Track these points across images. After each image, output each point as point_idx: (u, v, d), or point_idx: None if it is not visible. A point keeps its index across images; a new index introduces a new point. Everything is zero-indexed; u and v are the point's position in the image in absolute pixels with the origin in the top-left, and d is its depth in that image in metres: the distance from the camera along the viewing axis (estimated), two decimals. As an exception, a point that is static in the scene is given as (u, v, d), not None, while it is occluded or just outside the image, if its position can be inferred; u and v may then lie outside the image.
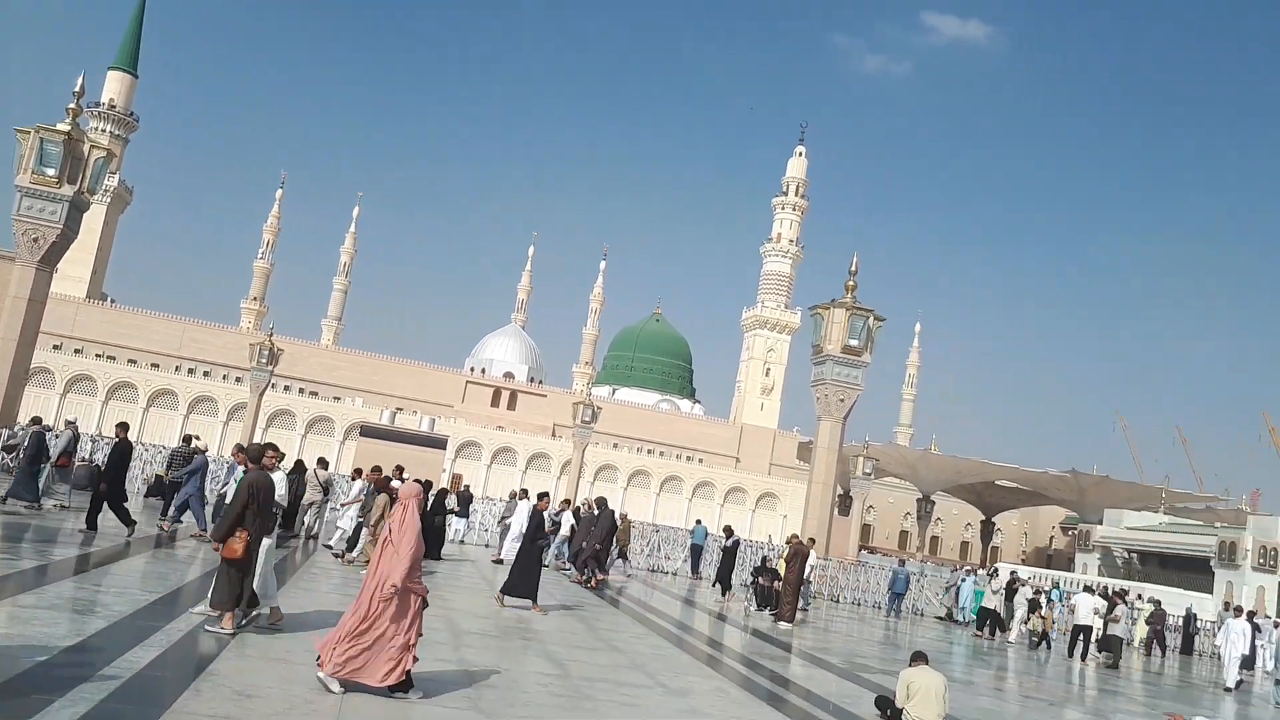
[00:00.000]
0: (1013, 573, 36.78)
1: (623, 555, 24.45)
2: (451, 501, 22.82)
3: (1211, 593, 50.92)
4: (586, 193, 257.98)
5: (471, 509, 26.07)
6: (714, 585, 22.82)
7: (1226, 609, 33.24)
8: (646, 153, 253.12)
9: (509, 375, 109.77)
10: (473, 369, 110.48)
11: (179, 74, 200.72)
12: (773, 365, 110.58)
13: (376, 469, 17.54)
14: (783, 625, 18.01)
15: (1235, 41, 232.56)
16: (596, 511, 19.62)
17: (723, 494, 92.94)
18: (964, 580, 27.31)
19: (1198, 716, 7.21)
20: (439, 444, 41.59)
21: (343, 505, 18.96)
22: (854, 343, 25.49)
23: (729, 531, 23.84)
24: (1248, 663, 22.08)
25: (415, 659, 7.38)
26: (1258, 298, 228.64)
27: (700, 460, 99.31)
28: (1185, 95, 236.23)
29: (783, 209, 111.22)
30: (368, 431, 40.17)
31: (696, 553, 27.14)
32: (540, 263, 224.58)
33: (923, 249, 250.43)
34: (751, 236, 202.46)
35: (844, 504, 67.12)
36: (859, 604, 27.19)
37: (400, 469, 18.41)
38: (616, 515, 20.52)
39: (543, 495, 16.43)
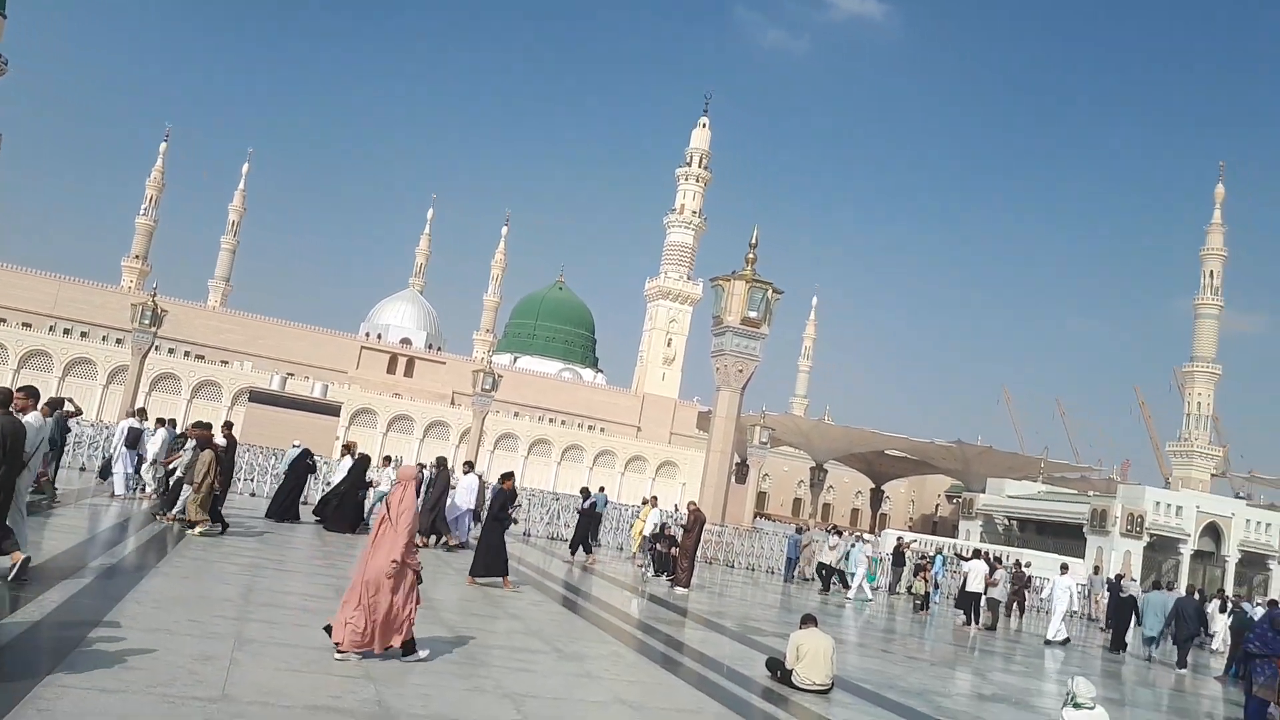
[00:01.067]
0: (899, 538, 38.10)
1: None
2: (391, 475, 22.44)
3: (1084, 557, 53.79)
4: (488, 156, 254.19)
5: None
6: (572, 550, 22.07)
7: (1097, 573, 35.19)
8: (551, 118, 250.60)
9: (406, 341, 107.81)
10: (368, 334, 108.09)
11: (56, 14, 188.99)
12: (675, 336, 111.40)
13: (199, 424, 16.79)
14: (679, 590, 18.24)
15: (1116, 28, 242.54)
16: (434, 473, 19.17)
17: (624, 462, 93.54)
18: (853, 546, 28.09)
19: (1078, 678, 7.58)
20: (331, 411, 40.65)
21: (153, 460, 18.50)
22: (753, 314, 25.81)
23: (585, 493, 23.37)
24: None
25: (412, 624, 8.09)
26: (1133, 278, 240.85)
27: (602, 429, 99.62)
28: (1070, 76, 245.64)
29: (686, 180, 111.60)
30: (257, 397, 38.97)
31: (597, 521, 27.21)
32: (440, 226, 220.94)
33: (821, 223, 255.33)
34: (655, 206, 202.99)
35: (741, 472, 68.35)
36: (753, 569, 27.78)
37: (229, 425, 18.48)
38: (477, 479, 19.87)
39: (507, 475, 16.20)
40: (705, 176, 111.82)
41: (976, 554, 26.38)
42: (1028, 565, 33.81)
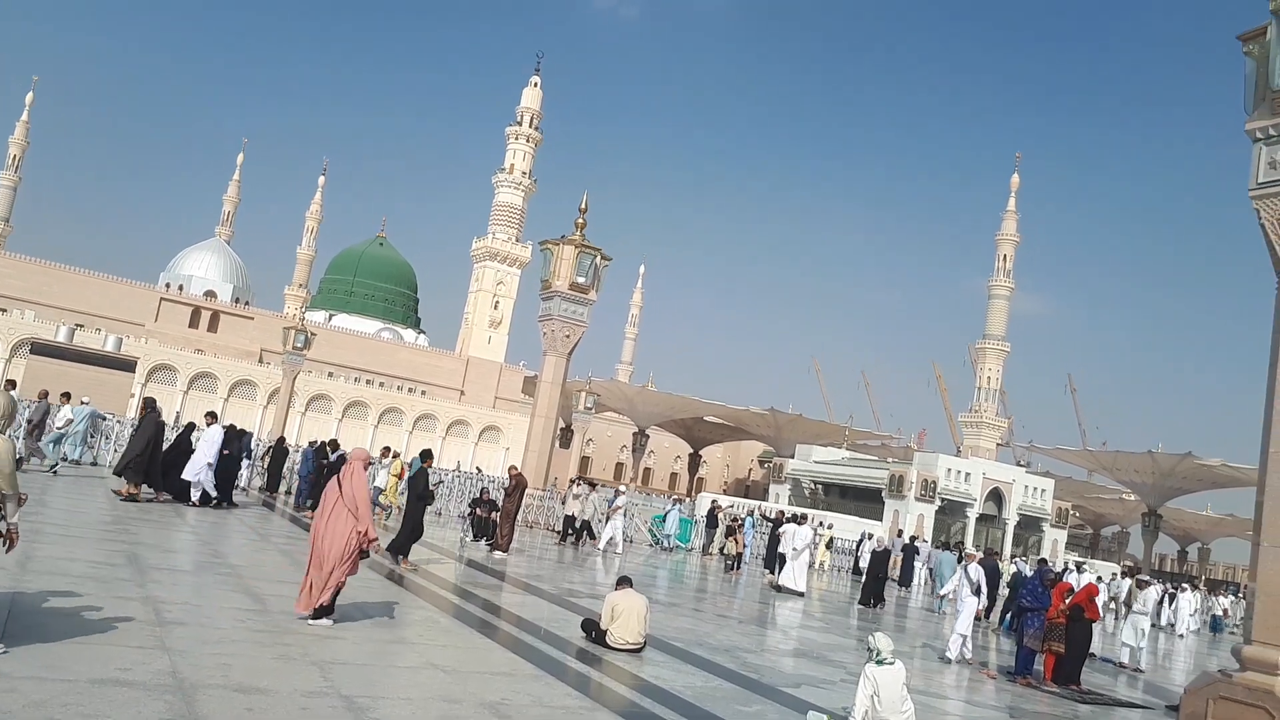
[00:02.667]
0: (714, 501, 39.41)
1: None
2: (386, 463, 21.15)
3: (882, 519, 57.35)
4: (305, 102, 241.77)
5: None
6: (305, 502, 20.73)
7: (900, 535, 37.58)
8: (375, 66, 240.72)
9: (210, 294, 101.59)
10: (168, 285, 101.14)
11: None
12: (502, 298, 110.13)
13: None
14: (498, 554, 18.19)
15: (934, 13, 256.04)
16: (143, 416, 18.06)
17: (445, 426, 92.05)
18: (670, 509, 28.84)
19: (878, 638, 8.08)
20: (126, 366, 37.88)
21: None
22: (581, 280, 25.81)
23: (331, 446, 21.88)
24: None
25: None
26: (935, 258, 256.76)
27: (423, 392, 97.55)
28: (884, 62, 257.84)
29: (516, 139, 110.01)
30: (40, 349, 35.81)
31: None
32: (251, 173, 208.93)
33: (650, 191, 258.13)
34: (484, 165, 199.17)
35: (565, 437, 68.75)
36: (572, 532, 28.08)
37: (12, 383, 17.47)
38: (221, 430, 18.49)
39: (427, 454, 16.29)
40: (536, 137, 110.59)
41: (794, 518, 27.64)
42: (830, 527, 35.77)
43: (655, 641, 10.56)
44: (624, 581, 10.50)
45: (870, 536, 27.14)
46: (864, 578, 22.24)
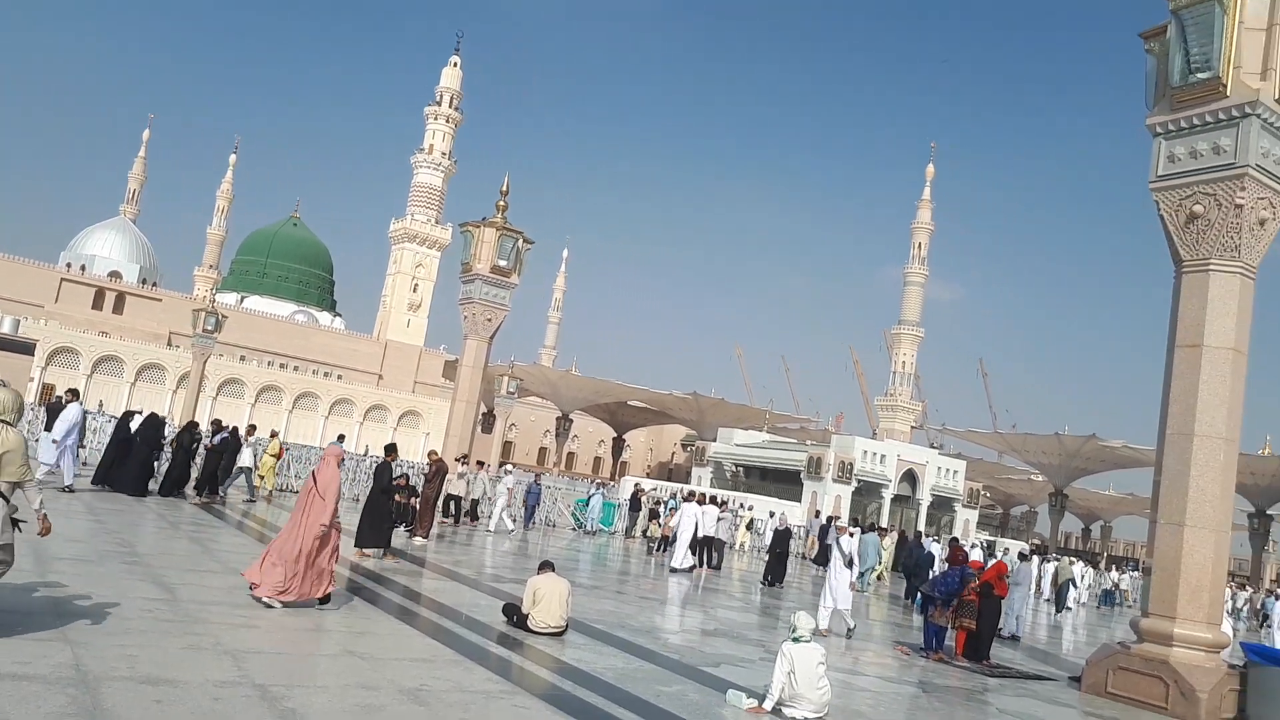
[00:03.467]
0: (636, 484, 39.59)
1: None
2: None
3: (800, 501, 58.32)
4: (217, 78, 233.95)
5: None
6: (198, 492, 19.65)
7: (818, 515, 38.26)
8: (289, 42, 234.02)
9: (115, 275, 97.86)
10: (69, 265, 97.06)
11: None
12: (421, 281, 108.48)
13: None
14: (418, 540, 17.99)
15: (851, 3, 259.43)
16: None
17: (363, 411, 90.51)
18: (593, 493, 28.86)
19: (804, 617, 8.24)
20: (24, 349, 36.29)
21: None
22: (503, 263, 25.54)
23: (216, 427, 20.85)
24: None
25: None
26: (850, 244, 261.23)
27: (340, 376, 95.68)
28: (799, 47, 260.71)
29: (436, 119, 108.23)
30: (-70, 332, 34.01)
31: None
32: (158, 150, 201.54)
33: (573, 175, 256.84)
34: (403, 145, 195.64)
35: (487, 422, 68.25)
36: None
37: None
38: (80, 410, 17.85)
39: (391, 448, 16.21)
40: (456, 117, 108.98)
41: (712, 500, 27.89)
42: (750, 509, 36.26)
43: (577, 624, 10.57)
44: (546, 566, 10.48)
45: (772, 515, 27.49)
46: (767, 556, 22.57)
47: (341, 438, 24.98)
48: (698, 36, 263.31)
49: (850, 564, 14.36)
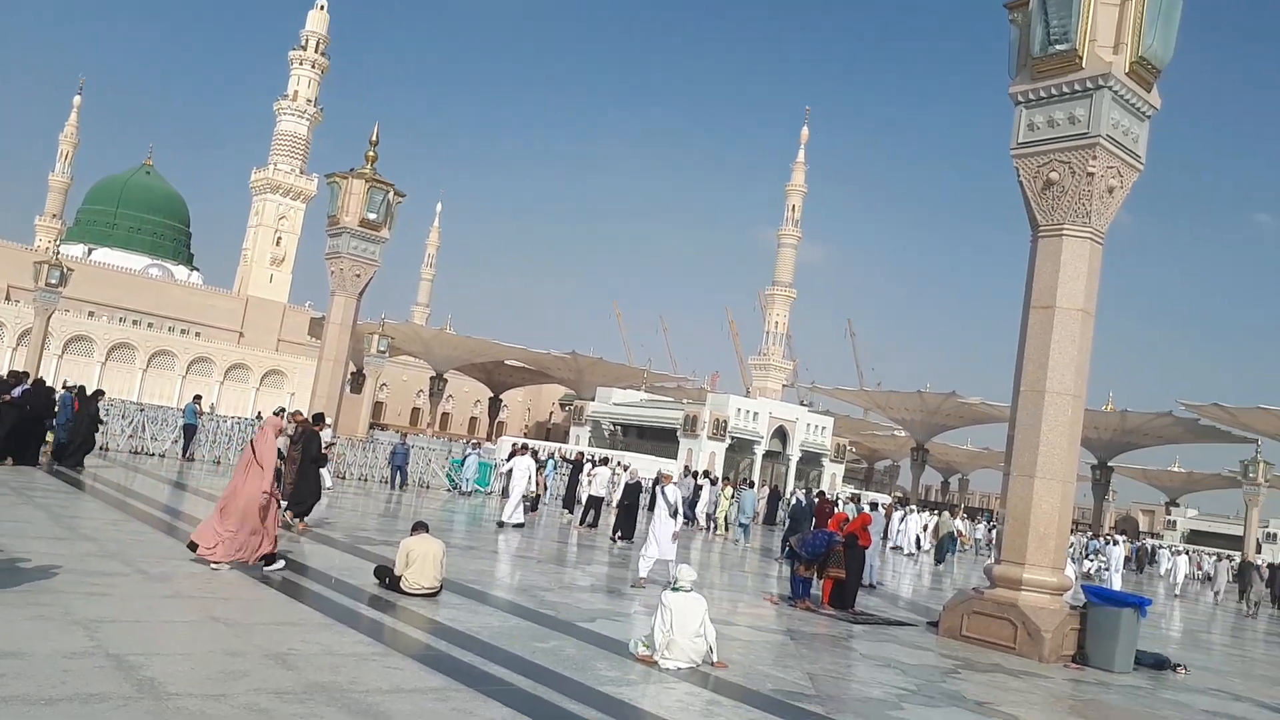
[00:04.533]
0: (514, 444, 39.43)
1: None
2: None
3: (676, 457, 59.27)
4: (58, 11, 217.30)
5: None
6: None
7: (687, 472, 38.90)
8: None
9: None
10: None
11: None
12: (285, 234, 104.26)
13: None
14: (283, 504, 17.39)
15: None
16: None
17: (223, 371, 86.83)
18: (469, 454, 28.55)
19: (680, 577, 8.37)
20: None
21: None
22: (372, 216, 24.75)
23: (14, 378, 19.13)
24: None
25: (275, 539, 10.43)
26: (727, 205, 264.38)
27: (198, 334, 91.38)
28: (687, 13, 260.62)
29: (300, 64, 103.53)
30: None
31: (190, 433, 25.10)
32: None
33: (448, 128, 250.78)
34: (266, 91, 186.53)
35: (356, 382, 66.41)
36: (366, 480, 27.30)
37: None
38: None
39: (319, 417, 15.87)
40: (323, 63, 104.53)
41: (604, 462, 28.01)
42: (627, 468, 36.56)
43: (452, 585, 10.45)
44: (419, 526, 10.30)
45: (626, 469, 27.56)
46: (616, 510, 21.94)
47: (198, 398, 24.03)
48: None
49: (675, 513, 14.08)
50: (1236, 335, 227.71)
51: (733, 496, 26.76)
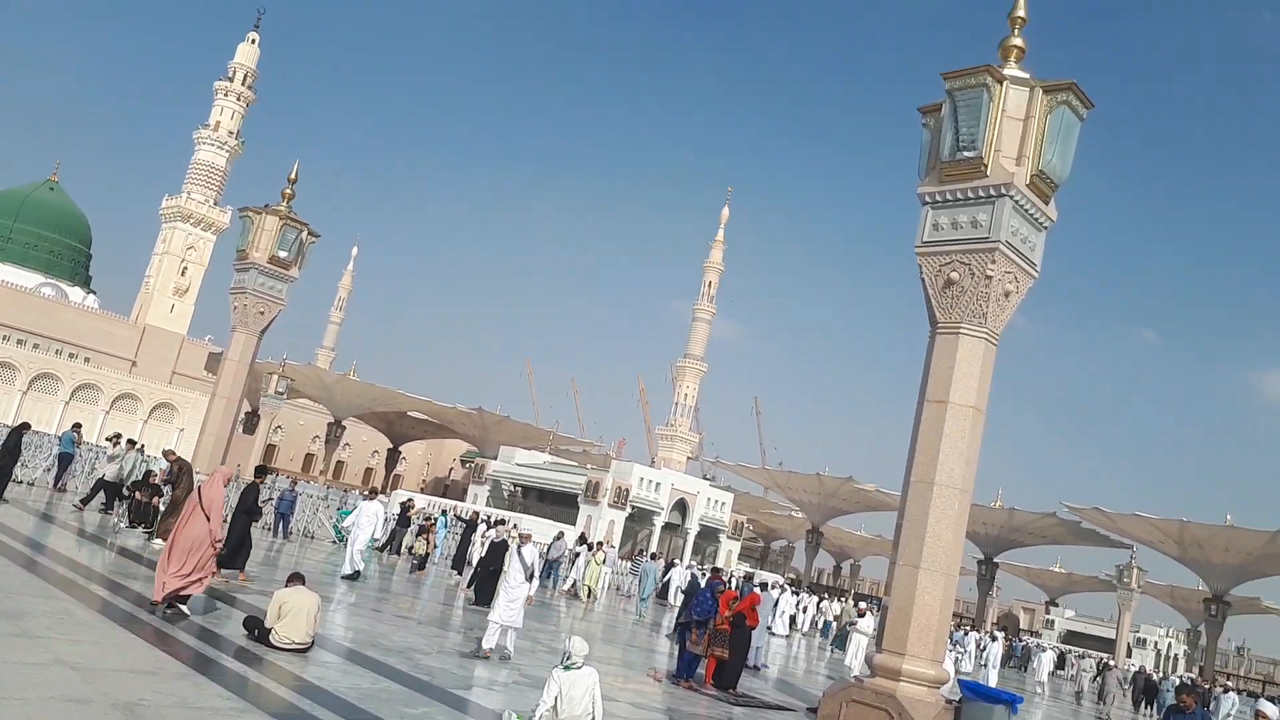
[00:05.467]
0: (408, 499, 38.48)
1: None
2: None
3: (575, 524, 58.64)
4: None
5: None
6: None
7: (582, 541, 38.45)
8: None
9: None
10: None
11: None
12: (191, 264, 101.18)
13: None
14: (157, 543, 16.58)
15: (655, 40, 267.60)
16: None
17: (110, 399, 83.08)
18: (359, 504, 27.71)
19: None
20: None
21: None
22: (283, 254, 24.19)
23: None
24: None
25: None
26: (647, 275, 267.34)
27: (87, 360, 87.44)
28: (627, 75, 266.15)
29: (226, 95, 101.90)
30: None
31: (65, 462, 23.83)
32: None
33: (371, 172, 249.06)
34: (187, 120, 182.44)
35: (250, 422, 64.29)
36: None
37: None
38: None
39: (261, 470, 15.43)
40: (249, 96, 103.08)
41: (500, 523, 27.45)
42: (560, 535, 35.98)
43: (326, 642, 10.04)
44: (295, 578, 9.91)
45: (492, 525, 26.76)
46: (478, 570, 20.13)
47: (77, 426, 23.10)
48: (513, 52, 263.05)
49: (530, 577, 12.70)
50: (1119, 443, 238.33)
51: (603, 563, 26.44)
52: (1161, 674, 51.07)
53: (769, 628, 30.56)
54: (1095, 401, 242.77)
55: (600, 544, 29.43)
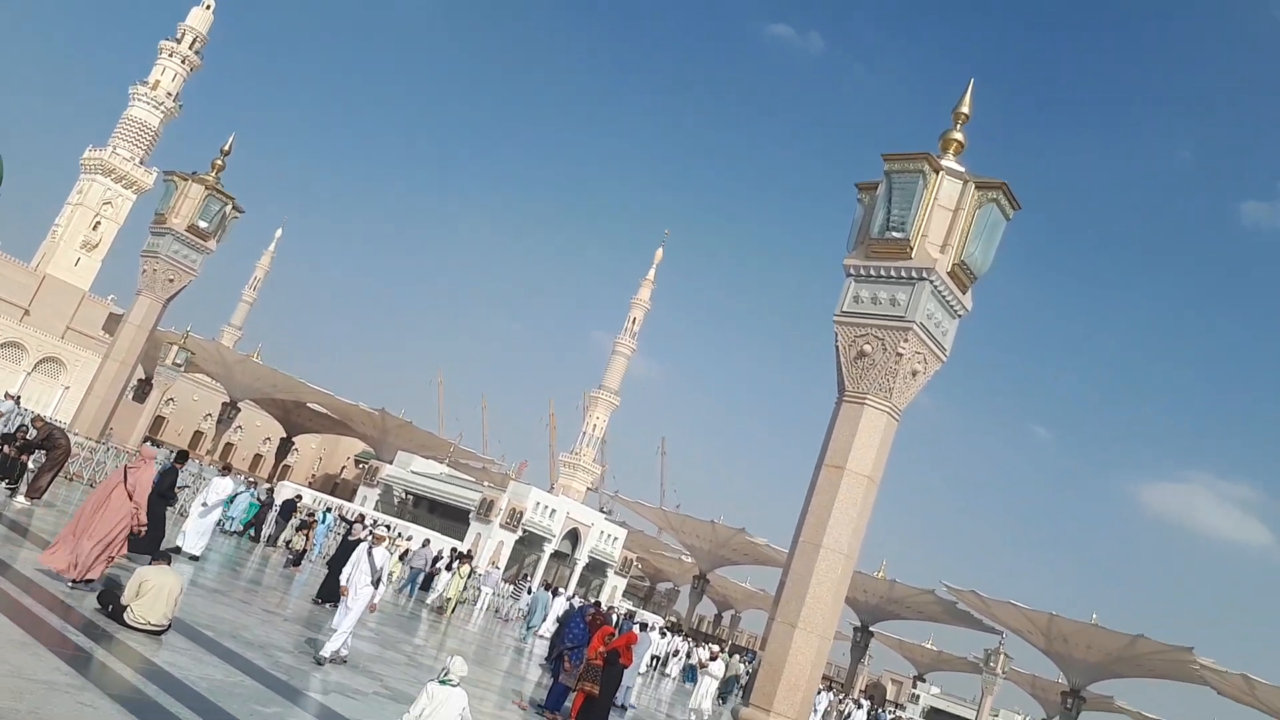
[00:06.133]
0: (298, 495, 37.45)
1: None
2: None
3: (463, 539, 57.73)
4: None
5: None
6: None
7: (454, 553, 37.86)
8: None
9: None
10: None
11: None
12: (106, 221, 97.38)
13: None
14: (20, 501, 15.80)
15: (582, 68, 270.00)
16: None
17: (-7, 345, 79.11)
18: (242, 490, 26.90)
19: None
20: None
21: None
22: (204, 225, 23.49)
23: None
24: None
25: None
26: (571, 301, 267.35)
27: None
28: (570, 96, 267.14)
29: (170, 56, 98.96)
30: None
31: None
32: None
33: (307, 157, 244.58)
34: (124, 73, 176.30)
35: (142, 389, 61.90)
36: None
37: None
38: None
39: (183, 455, 15.33)
40: (195, 61, 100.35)
41: (357, 522, 26.79)
42: (409, 538, 35.31)
43: (184, 626, 9.66)
44: (162, 557, 9.54)
45: (351, 523, 26.12)
46: (327, 567, 19.68)
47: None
48: (467, 63, 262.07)
49: (378, 582, 11.89)
50: (1003, 532, 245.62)
51: (468, 576, 25.79)
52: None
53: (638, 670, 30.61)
54: (986, 489, 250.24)
55: (467, 555, 28.75)
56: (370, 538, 13.18)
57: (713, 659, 23.55)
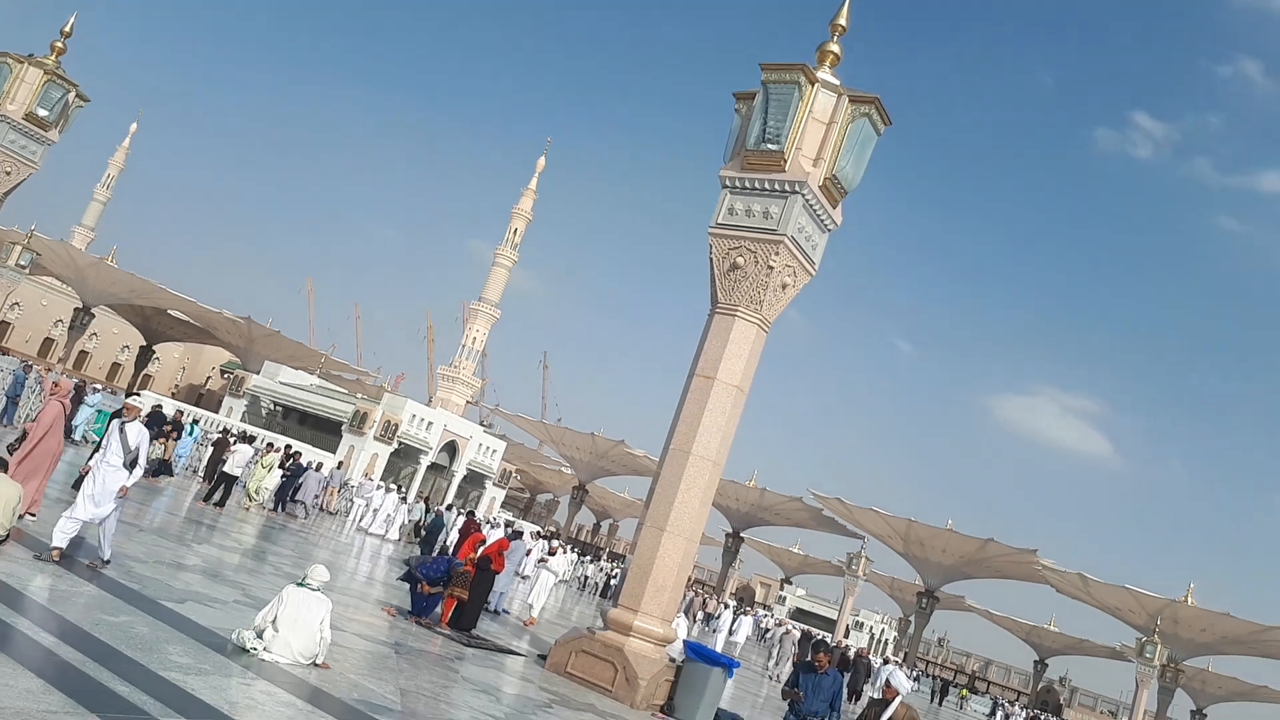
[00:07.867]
0: (156, 406, 35.96)
1: None
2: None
3: (336, 452, 56.71)
4: None
5: None
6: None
7: (340, 467, 37.31)
8: None
9: None
10: None
11: None
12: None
13: None
14: None
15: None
16: None
17: None
18: (89, 397, 25.64)
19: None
20: None
21: None
22: (43, 113, 21.68)
23: None
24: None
25: None
26: (447, 209, 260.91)
27: None
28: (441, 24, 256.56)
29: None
30: None
31: None
32: None
33: (165, 40, 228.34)
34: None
35: (-18, 293, 57.62)
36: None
37: None
38: None
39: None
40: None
41: (249, 440, 25.98)
42: (297, 454, 34.43)
43: (28, 539, 9.19)
44: (-1, 464, 8.99)
45: (241, 439, 25.74)
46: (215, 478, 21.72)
47: None
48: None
49: (132, 464, 10.23)
50: (867, 441, 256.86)
51: (269, 467, 24.45)
52: (872, 654, 55.91)
53: (518, 573, 30.94)
54: (852, 401, 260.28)
55: (269, 445, 27.55)
56: (123, 410, 11.50)
57: (552, 554, 23.96)
